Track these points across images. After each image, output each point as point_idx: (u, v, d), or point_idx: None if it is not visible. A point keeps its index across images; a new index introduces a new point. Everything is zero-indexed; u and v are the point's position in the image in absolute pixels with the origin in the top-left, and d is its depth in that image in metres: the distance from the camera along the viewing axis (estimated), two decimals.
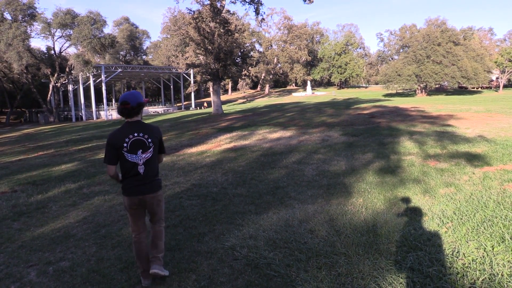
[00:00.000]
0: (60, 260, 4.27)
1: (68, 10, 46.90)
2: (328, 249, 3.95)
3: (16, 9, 44.96)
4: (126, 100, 3.34)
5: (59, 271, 3.98)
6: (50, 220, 5.76)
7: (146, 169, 3.40)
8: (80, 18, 46.58)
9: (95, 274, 3.85)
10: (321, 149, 10.30)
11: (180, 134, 17.37)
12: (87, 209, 6.22)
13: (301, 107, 30.01)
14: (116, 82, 68.10)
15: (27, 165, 11.90)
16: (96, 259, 4.20)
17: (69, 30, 47.85)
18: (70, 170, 10.04)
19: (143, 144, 3.38)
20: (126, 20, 77.78)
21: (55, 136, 24.57)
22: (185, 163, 9.83)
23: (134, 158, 3.36)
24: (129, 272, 3.82)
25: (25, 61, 44.83)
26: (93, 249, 4.52)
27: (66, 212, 6.13)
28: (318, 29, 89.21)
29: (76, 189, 7.68)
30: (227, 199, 6.15)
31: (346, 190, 6.23)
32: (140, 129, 3.40)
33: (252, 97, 73.80)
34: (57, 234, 5.11)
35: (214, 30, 29.32)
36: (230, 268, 3.76)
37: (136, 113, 3.41)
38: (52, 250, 4.57)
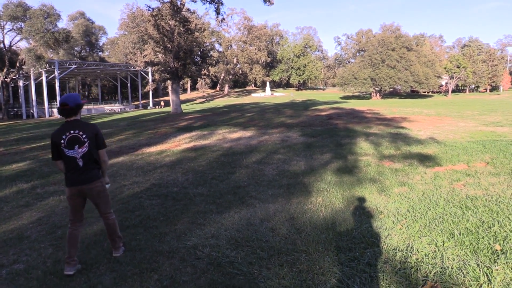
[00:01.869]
0: (14, 262, 4.08)
1: (19, 2, 44.68)
2: (289, 246, 4.03)
3: None
4: (65, 101, 3.70)
5: (13, 274, 3.81)
6: (2, 221, 5.48)
7: (84, 162, 3.75)
8: (33, 11, 44.47)
9: (52, 276, 3.72)
10: (280, 149, 10.44)
11: (138, 133, 17.00)
12: (42, 209, 5.97)
13: (260, 108, 30.23)
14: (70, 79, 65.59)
15: None
16: (52, 261, 4.06)
17: (21, 23, 45.61)
18: (22, 170, 9.58)
19: (78, 139, 3.72)
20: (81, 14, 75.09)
21: (5, 134, 23.29)
22: (144, 162, 9.65)
23: (72, 153, 3.72)
24: (88, 273, 3.72)
25: None
26: (49, 250, 4.35)
27: (19, 213, 5.86)
28: (277, 31, 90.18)
29: (29, 189, 7.35)
30: (188, 199, 6.11)
31: (305, 189, 6.36)
32: (76, 127, 3.74)
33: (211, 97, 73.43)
34: (9, 236, 4.88)
35: (174, 28, 28.95)
36: (192, 267, 3.75)
37: (74, 113, 3.77)
38: (5, 252, 4.36)
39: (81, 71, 54.41)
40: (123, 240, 4.26)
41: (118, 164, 9.60)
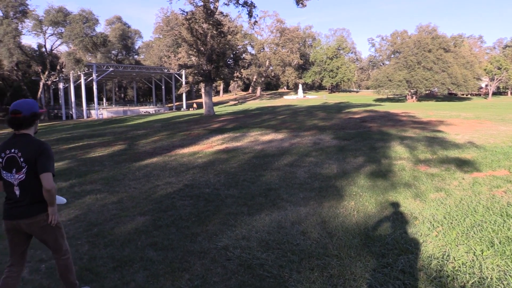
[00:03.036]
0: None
1: (60, 8, 46.58)
2: (321, 250, 3.99)
3: (8, 5, 44.50)
4: (17, 108, 2.90)
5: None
6: None
7: (21, 192, 2.92)
8: (72, 16, 46.27)
9: (87, 272, 3.84)
10: (313, 152, 10.36)
11: (171, 134, 17.31)
12: (79, 207, 6.19)
13: (292, 110, 30.13)
14: (107, 81, 67.67)
15: None
16: (88, 258, 4.19)
17: (61, 28, 47.53)
18: (61, 169, 9.97)
19: (15, 162, 2.89)
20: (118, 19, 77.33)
21: (46, 134, 24.32)
22: (177, 163, 9.81)
23: (10, 177, 2.92)
24: (122, 271, 3.82)
25: (16, 58, 44.43)
26: (85, 247, 4.50)
27: (58, 210, 6.05)
28: (310, 33, 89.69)
29: (68, 188, 7.64)
30: (220, 200, 6.17)
31: (337, 193, 6.28)
32: (18, 144, 2.91)
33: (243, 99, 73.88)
34: None
35: (207, 31, 29.34)
36: (223, 268, 3.78)
37: (26, 125, 2.95)
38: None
39: (118, 73, 56.03)
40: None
41: (152, 165, 9.81)
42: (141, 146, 13.94)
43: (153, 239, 4.61)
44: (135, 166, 9.75)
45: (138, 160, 10.66)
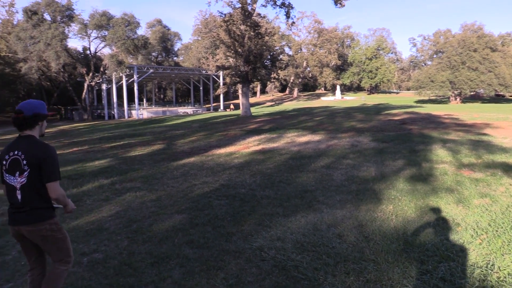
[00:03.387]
0: (93, 251, 4.42)
1: (104, 12, 48.31)
2: (357, 255, 3.92)
3: (55, 10, 46.67)
4: (20, 108, 2.80)
5: (93, 262, 4.13)
6: (85, 213, 5.97)
7: (23, 196, 2.76)
8: (115, 19, 47.88)
9: (126, 267, 3.96)
10: (350, 154, 10.20)
11: (209, 135, 17.56)
12: (120, 204, 6.40)
13: (330, 112, 29.78)
14: (147, 83, 69.48)
15: (63, 160, 12.31)
16: (127, 253, 4.32)
17: (104, 31, 49.27)
18: (103, 166, 10.34)
19: (18, 165, 2.75)
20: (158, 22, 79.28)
21: (89, 133, 25.32)
22: (213, 163, 9.94)
23: (12, 181, 2.78)
24: (159, 267, 3.91)
25: (63, 60, 46.45)
26: (125, 243, 4.64)
27: (100, 206, 6.34)
28: (348, 33, 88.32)
29: (109, 185, 7.91)
30: (255, 201, 6.19)
31: (375, 196, 6.15)
32: (22, 146, 2.78)
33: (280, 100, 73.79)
34: (91, 227, 5.29)
35: (245, 33, 29.54)
36: (257, 268, 3.79)
37: (29, 126, 2.81)
38: (86, 242, 4.74)
39: (157, 75, 57.39)
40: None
41: (190, 164, 9.99)
42: (179, 146, 14.23)
43: (189, 237, 4.69)
44: (173, 165, 9.96)
45: (176, 160, 10.88)
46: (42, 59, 47.05)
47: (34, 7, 46.08)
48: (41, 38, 44.36)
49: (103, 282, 3.65)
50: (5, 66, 51.57)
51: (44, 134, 3.00)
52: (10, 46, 49.87)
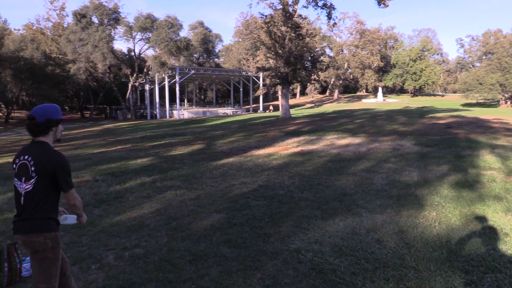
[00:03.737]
0: (135, 247, 4.57)
1: (148, 15, 49.75)
2: (397, 261, 3.82)
3: (103, 13, 48.60)
4: (32, 113, 2.66)
5: (134, 257, 4.27)
6: (127, 209, 6.18)
7: (25, 204, 2.61)
8: (159, 22, 49.18)
9: (166, 263, 4.06)
10: (391, 158, 9.95)
11: (248, 135, 17.68)
12: (160, 201, 6.58)
13: (371, 114, 29.18)
14: (189, 83, 70.87)
15: (107, 157, 12.82)
16: (167, 249, 4.43)
17: (148, 33, 50.72)
18: (145, 165, 10.66)
19: (26, 170, 2.60)
20: (200, 24, 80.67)
21: (132, 132, 26.17)
22: (252, 164, 10.00)
23: (19, 186, 2.64)
24: (198, 264, 3.98)
25: (109, 61, 48.28)
26: (164, 239, 4.77)
27: (141, 203, 6.54)
28: (392, 34, 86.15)
29: (150, 183, 8.15)
30: (293, 203, 6.17)
31: (417, 202, 5.97)
32: (33, 152, 2.63)
33: (320, 102, 73.06)
34: (132, 222, 5.47)
35: (285, 34, 29.50)
36: (294, 270, 3.78)
37: (42, 132, 2.66)
38: (128, 237, 4.90)
39: (198, 76, 58.37)
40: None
41: (229, 164, 10.10)
42: (218, 146, 14.43)
43: (227, 236, 4.75)
44: (212, 165, 10.11)
45: (216, 160, 11.03)
46: (89, 60, 49.07)
47: (83, 10, 48.25)
48: (89, 40, 46.34)
49: (143, 277, 3.77)
50: (56, 67, 54.24)
51: (61, 139, 2.89)
52: (61, 48, 52.40)
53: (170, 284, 3.60)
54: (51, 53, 54.67)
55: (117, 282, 3.66)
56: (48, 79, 51.83)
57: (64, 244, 4.71)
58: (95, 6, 48.35)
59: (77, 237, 4.94)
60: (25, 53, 48.03)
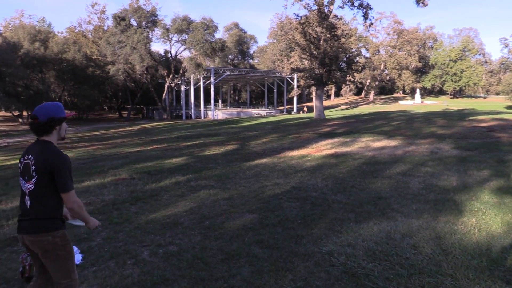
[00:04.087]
0: (169, 244, 4.67)
1: (184, 17, 50.66)
2: (433, 268, 3.71)
3: (141, 16, 49.94)
4: (35, 113, 2.64)
5: (168, 254, 4.36)
6: (162, 207, 6.33)
7: (30, 203, 2.60)
8: (195, 24, 49.96)
9: (198, 261, 4.13)
10: (429, 162, 9.67)
11: (281, 137, 17.67)
12: (194, 200, 6.69)
13: (408, 116, 28.45)
14: (223, 84, 71.61)
15: (144, 156, 13.15)
16: (200, 248, 4.50)
17: (185, 35, 51.65)
18: (180, 164, 10.87)
19: (28, 170, 2.61)
20: (235, 25, 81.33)
21: (167, 132, 26.72)
22: (285, 165, 9.99)
23: (23, 185, 2.65)
24: (230, 264, 4.02)
25: (146, 63, 49.54)
26: (197, 238, 4.85)
27: (176, 201, 6.67)
28: (431, 34, 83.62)
29: (185, 182, 8.30)
30: (326, 205, 6.12)
31: (456, 207, 5.77)
32: (35, 151, 2.63)
33: (355, 103, 71.95)
34: (167, 220, 5.59)
35: (321, 35, 29.27)
36: (326, 273, 3.75)
37: (45, 131, 2.65)
38: (163, 234, 5.02)
39: (233, 77, 58.89)
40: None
41: (262, 165, 10.14)
42: (252, 147, 14.50)
43: (259, 236, 4.77)
44: (245, 166, 10.17)
45: (249, 160, 11.10)
46: (128, 62, 50.50)
47: (122, 13, 49.78)
48: (127, 42, 47.72)
49: (176, 274, 3.84)
50: (96, 68, 56.26)
51: (65, 137, 2.84)
52: (101, 50, 54.24)
53: (202, 282, 3.66)
54: (92, 55, 56.74)
55: (152, 278, 3.76)
56: (89, 80, 53.90)
57: (101, 239, 4.89)
58: (133, 9, 49.77)
59: (114, 233, 5.10)
60: (68, 55, 50.16)
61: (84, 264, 4.18)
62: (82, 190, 7.81)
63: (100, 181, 8.67)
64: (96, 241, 4.87)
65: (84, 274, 3.94)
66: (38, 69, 49.77)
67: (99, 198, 7.04)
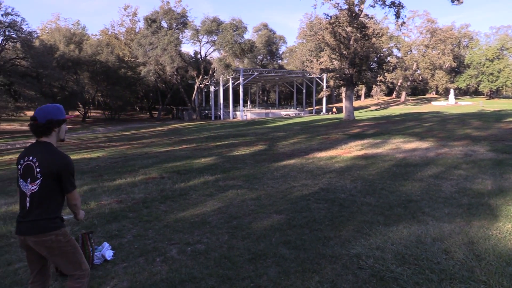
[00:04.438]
0: (197, 242, 4.74)
1: (214, 18, 51.18)
2: (465, 273, 3.61)
3: (172, 18, 50.85)
4: (34, 114, 2.70)
5: (196, 252, 4.43)
6: (190, 206, 6.43)
7: (31, 205, 2.65)
8: (224, 25, 50.41)
9: (226, 260, 4.17)
10: (463, 164, 9.38)
11: (310, 137, 17.57)
12: (222, 200, 6.76)
13: (441, 117, 27.69)
14: (252, 85, 71.88)
15: (173, 156, 13.38)
16: (227, 247, 4.55)
17: (214, 36, 52.19)
18: (208, 164, 10.99)
19: (31, 171, 2.65)
20: (264, 26, 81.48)
21: (197, 132, 27.07)
22: (314, 166, 9.93)
23: (24, 187, 2.68)
24: (256, 264, 4.05)
25: (176, 64, 50.40)
26: (225, 237, 4.89)
27: (204, 201, 6.76)
28: (466, 32, 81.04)
29: (213, 181, 8.39)
30: (355, 207, 6.04)
31: (491, 212, 5.57)
32: (37, 153, 2.67)
33: (386, 104, 70.61)
34: (195, 219, 5.68)
35: (351, 34, 28.93)
36: (354, 275, 3.70)
37: (44, 133, 2.70)
38: (191, 233, 5.10)
39: (262, 77, 59.00)
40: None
41: (290, 166, 10.12)
42: (280, 148, 14.49)
43: (286, 237, 4.77)
44: (273, 166, 10.18)
45: (277, 161, 11.10)
46: (158, 63, 51.53)
47: (153, 15, 50.84)
48: (158, 44, 48.68)
49: (203, 272, 3.90)
50: (128, 70, 57.76)
51: (65, 139, 2.89)
52: (132, 51, 55.60)
53: (229, 280, 3.69)
54: (124, 56, 58.29)
55: (180, 276, 3.83)
56: (121, 81, 55.41)
57: (132, 237, 5.02)
58: (164, 11, 50.73)
59: (144, 231, 5.22)
60: (101, 57, 51.75)
61: (115, 260, 4.30)
62: (114, 189, 8.04)
63: (131, 180, 8.89)
64: (126, 238, 5.00)
65: (115, 270, 4.06)
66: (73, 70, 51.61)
67: (130, 196, 7.22)
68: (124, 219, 5.78)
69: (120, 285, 3.73)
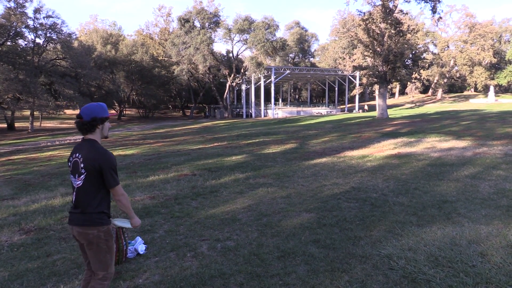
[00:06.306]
0: (227, 239, 4.79)
1: (246, 17, 51.30)
2: (502, 278, 3.48)
3: (204, 17, 51.37)
4: (80, 113, 2.86)
5: (226, 248, 4.48)
6: (221, 203, 6.50)
7: (76, 199, 2.84)
8: (256, 23, 50.45)
9: (255, 257, 4.20)
10: (502, 165, 9.01)
11: (342, 136, 17.35)
12: (252, 198, 6.79)
13: (479, 116, 26.69)
14: (283, 83, 71.66)
15: (205, 153, 13.56)
16: (257, 244, 4.57)
17: (246, 35, 52.31)
18: (239, 162, 11.07)
19: (77, 167, 2.82)
20: (296, 24, 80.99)
21: (228, 130, 27.28)
22: (345, 165, 9.81)
23: (73, 182, 2.87)
24: (285, 261, 4.05)
25: (209, 63, 50.90)
26: (254, 234, 4.92)
27: (234, 198, 6.82)
28: (508, 27, 77.48)
29: (244, 179, 8.45)
30: (387, 207, 5.93)
31: None
32: (83, 150, 2.84)
33: (421, 102, 68.68)
34: (225, 216, 5.74)
35: (385, 31, 28.34)
36: (384, 276, 3.64)
37: (89, 130, 2.86)
38: (221, 229, 5.16)
39: (293, 75, 58.68)
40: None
41: (321, 165, 10.04)
42: (311, 146, 14.39)
43: (316, 236, 4.74)
44: (304, 165, 10.13)
45: (308, 159, 11.03)
46: (191, 62, 52.19)
47: (186, 15, 51.55)
48: (191, 43, 49.33)
49: (233, 268, 3.94)
50: (162, 69, 58.86)
51: (108, 136, 3.03)
52: (166, 51, 56.61)
53: (258, 278, 3.71)
54: (158, 56, 59.42)
55: (209, 271, 3.89)
56: (155, 80, 56.57)
57: (164, 232, 5.13)
58: (197, 11, 51.33)
59: (175, 226, 5.33)
60: (136, 57, 53.04)
61: (147, 254, 4.42)
62: (147, 185, 8.24)
63: (163, 177, 9.08)
64: (158, 233, 5.12)
65: (147, 263, 4.17)
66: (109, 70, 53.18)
67: (162, 193, 7.38)
68: (157, 215, 5.92)
69: (152, 279, 3.82)
